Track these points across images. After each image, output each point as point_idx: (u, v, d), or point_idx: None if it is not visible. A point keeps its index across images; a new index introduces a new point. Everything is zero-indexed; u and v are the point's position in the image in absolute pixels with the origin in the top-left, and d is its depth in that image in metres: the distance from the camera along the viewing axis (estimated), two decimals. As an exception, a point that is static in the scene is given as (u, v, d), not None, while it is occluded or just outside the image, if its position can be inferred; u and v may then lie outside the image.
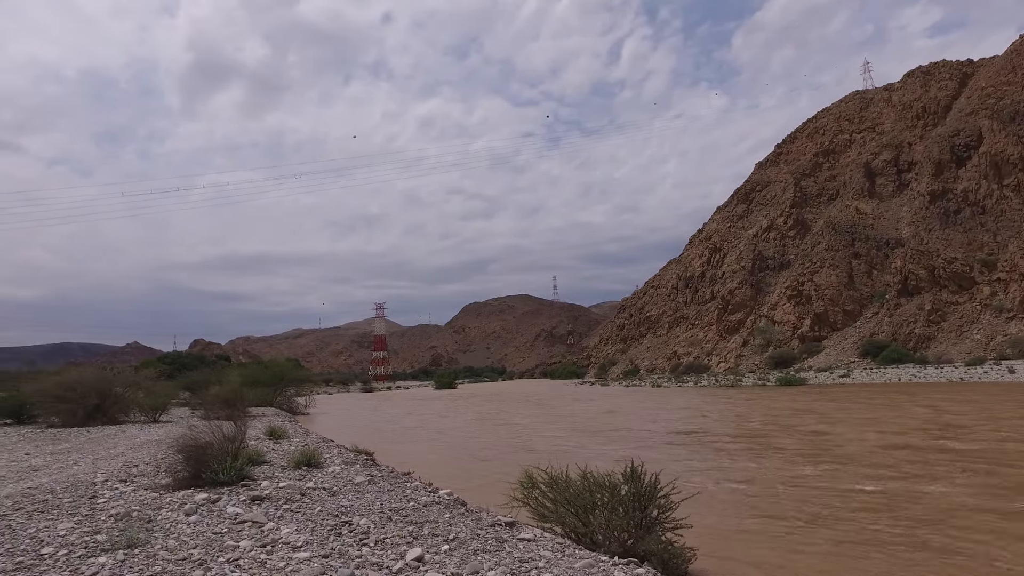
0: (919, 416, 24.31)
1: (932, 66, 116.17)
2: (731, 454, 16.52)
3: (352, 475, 9.58)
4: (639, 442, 19.39)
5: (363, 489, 8.31)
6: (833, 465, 13.92)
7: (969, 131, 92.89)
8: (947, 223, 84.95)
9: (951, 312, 73.96)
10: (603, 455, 16.00)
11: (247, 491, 7.79)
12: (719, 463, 15.00)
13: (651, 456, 14.87)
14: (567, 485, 7.18)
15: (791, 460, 15.06)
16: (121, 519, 6.27)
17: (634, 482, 6.87)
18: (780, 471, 13.51)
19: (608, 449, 17.85)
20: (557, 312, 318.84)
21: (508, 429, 26.69)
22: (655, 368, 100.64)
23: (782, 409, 30.86)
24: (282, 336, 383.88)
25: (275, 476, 9.16)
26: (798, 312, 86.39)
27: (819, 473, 13.08)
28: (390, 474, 9.91)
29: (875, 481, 11.87)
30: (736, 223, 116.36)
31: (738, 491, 11.58)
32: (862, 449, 16.13)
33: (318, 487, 8.31)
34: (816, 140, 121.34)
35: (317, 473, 9.67)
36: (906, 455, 14.81)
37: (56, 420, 24.08)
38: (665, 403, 39.67)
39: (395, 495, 7.93)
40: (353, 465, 10.85)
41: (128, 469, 9.94)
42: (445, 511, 7.04)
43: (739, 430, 22.89)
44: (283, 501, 7.22)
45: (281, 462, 10.83)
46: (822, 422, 23.89)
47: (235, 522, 6.11)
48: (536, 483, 7.29)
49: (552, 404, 43.94)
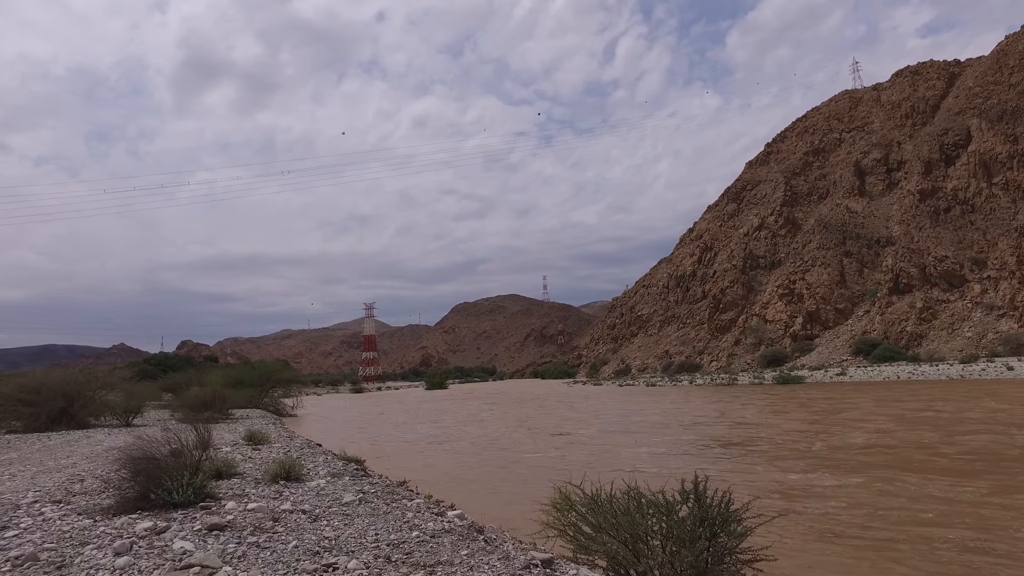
0: (984, 409, 22.41)
1: (920, 66, 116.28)
2: (804, 463, 13.82)
3: (340, 491, 8.02)
4: (684, 448, 17.18)
5: (352, 511, 6.75)
6: (956, 478, 11.26)
7: (958, 130, 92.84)
8: (937, 221, 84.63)
9: (942, 310, 73.51)
10: (652, 465, 14.19)
11: (207, 515, 6.22)
12: (790, 475, 12.52)
13: (714, 469, 13.01)
14: (611, 506, 5.71)
15: (887, 469, 12.49)
16: (22, 564, 4.69)
17: (698, 502, 5.42)
18: (879, 485, 11.09)
19: (663, 460, 15.35)
20: (547, 312, 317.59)
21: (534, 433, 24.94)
22: (646, 367, 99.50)
23: (815, 408, 28.80)
24: (271, 337, 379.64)
25: (245, 493, 7.56)
26: (790, 311, 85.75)
27: (942, 489, 10.45)
28: (384, 489, 8.31)
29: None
30: (727, 222, 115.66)
31: (830, 513, 9.44)
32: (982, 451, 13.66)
33: (296, 509, 6.71)
34: (806, 139, 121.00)
35: (297, 489, 8.07)
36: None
37: (17, 425, 22.30)
38: (679, 404, 37.70)
39: (393, 519, 6.38)
40: (341, 477, 9.26)
41: (70, 485, 8.33)
42: (460, 544, 5.44)
43: (788, 434, 19.60)
44: (249, 531, 5.63)
45: (256, 474, 9.26)
46: (877, 418, 21.70)
47: (178, 566, 4.52)
48: (572, 504, 5.81)
49: (563, 404, 42.34)
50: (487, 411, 38.78)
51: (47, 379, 23.03)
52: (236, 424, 23.87)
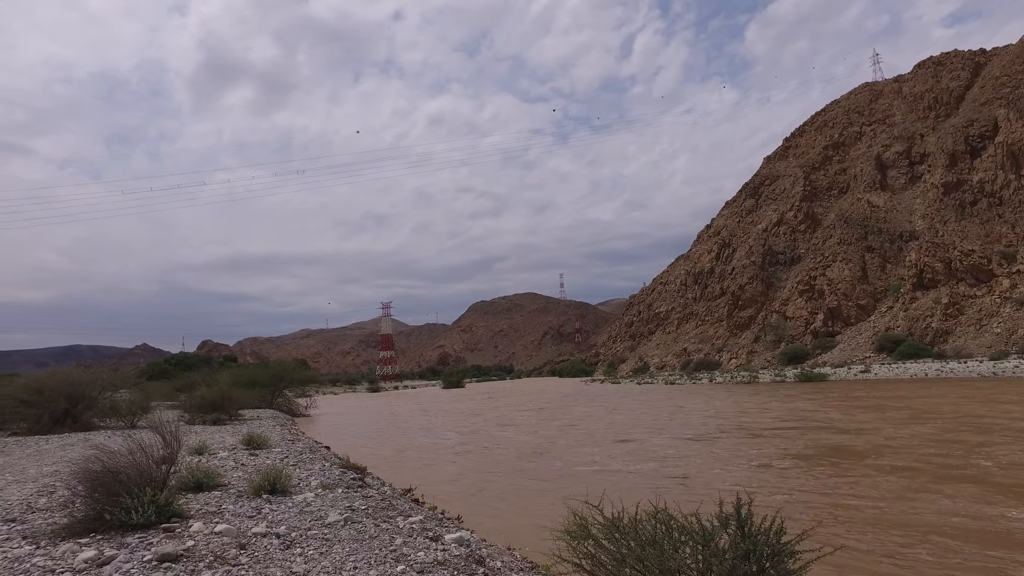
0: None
1: (943, 56, 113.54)
2: (983, 489, 10.49)
3: (327, 507, 7.15)
4: (790, 461, 14.06)
5: (334, 534, 5.88)
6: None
7: (984, 121, 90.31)
8: (963, 215, 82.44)
9: (969, 305, 71.41)
10: (764, 485, 11.46)
11: (166, 539, 5.39)
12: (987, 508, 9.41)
13: (863, 493, 10.45)
14: (636, 533, 4.81)
15: (984, 488, 10.12)
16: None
17: (741, 530, 4.50)
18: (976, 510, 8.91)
19: (777, 478, 12.26)
20: (564, 310, 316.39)
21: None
22: (665, 365, 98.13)
23: (895, 406, 25.88)
24: (290, 337, 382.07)
25: (220, 511, 6.74)
26: (810, 307, 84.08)
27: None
28: (379, 504, 7.41)
29: None
30: (745, 218, 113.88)
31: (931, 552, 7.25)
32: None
33: (270, 531, 5.83)
34: (825, 133, 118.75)
35: (280, 505, 7.22)
36: None
37: (22, 427, 21.81)
38: (730, 403, 35.44)
39: (379, 545, 5.49)
40: (334, 489, 8.38)
41: (36, 499, 7.58)
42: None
43: (923, 443, 15.66)
44: (207, 562, 4.77)
45: (242, 484, 8.45)
46: (995, 417, 19.04)
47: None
48: (589, 529, 4.91)
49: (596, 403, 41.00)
50: (519, 411, 35.93)
51: (49, 380, 22.51)
52: (242, 426, 23.21)
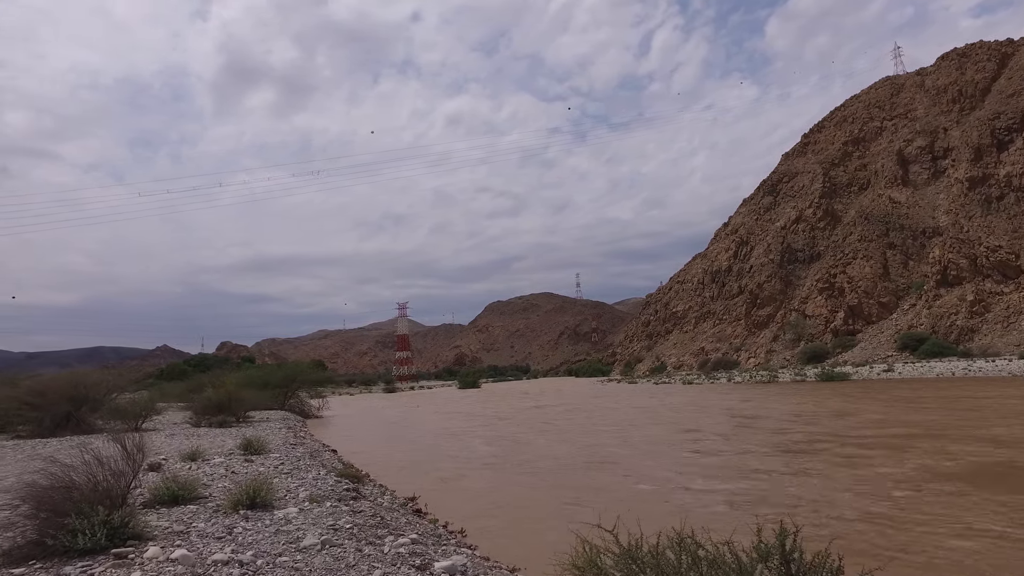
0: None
1: (968, 48, 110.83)
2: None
3: (307, 526, 6.38)
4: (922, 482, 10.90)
5: (307, 562, 5.07)
6: None
7: (1011, 113, 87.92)
8: (989, 210, 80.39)
9: (996, 303, 69.52)
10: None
11: (113, 568, 4.69)
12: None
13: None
14: (657, 564, 4.02)
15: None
16: None
17: (786, 569, 3.70)
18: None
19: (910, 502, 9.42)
20: (581, 310, 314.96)
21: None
22: (682, 364, 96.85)
23: (946, 407, 23.86)
24: (308, 338, 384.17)
25: (188, 530, 6.03)
26: (830, 305, 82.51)
27: None
28: (369, 521, 6.66)
29: None
30: (763, 215, 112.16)
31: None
32: None
33: (233, 558, 4.97)
34: (845, 128, 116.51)
35: (257, 522, 6.48)
36: None
37: (24, 430, 21.45)
38: (777, 402, 33.63)
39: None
40: (323, 503, 7.63)
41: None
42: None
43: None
44: (148, 601, 4.08)
45: (222, 496, 7.76)
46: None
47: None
48: (598, 562, 4.13)
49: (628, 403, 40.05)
50: (552, 413, 33.08)
51: (53, 382, 22.16)
52: (248, 429, 22.67)
